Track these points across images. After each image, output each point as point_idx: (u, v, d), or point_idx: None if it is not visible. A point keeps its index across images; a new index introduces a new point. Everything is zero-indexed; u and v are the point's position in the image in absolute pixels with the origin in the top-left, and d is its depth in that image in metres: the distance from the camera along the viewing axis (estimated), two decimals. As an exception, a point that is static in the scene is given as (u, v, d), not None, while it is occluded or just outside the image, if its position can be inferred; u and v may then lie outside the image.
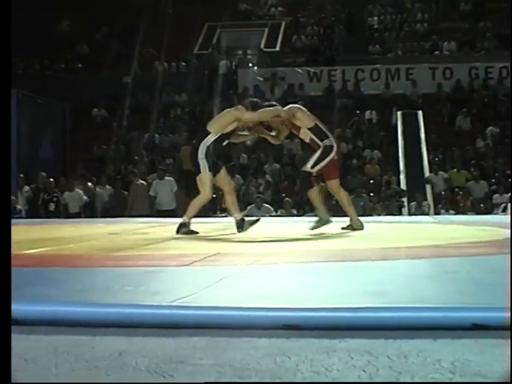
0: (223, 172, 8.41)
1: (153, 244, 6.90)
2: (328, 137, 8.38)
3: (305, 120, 8.40)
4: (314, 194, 8.40)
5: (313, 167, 8.26)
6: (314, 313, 2.74)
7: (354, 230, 8.29)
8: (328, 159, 8.24)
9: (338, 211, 9.37)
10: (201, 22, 26.89)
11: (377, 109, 23.28)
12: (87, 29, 27.03)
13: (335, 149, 8.35)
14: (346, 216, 8.61)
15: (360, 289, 3.57)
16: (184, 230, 8.00)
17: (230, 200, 8.43)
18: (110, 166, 20.30)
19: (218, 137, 8.21)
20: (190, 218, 8.15)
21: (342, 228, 8.37)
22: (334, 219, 8.48)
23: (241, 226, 8.12)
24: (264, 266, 4.90)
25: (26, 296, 2.95)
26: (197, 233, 8.03)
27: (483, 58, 25.08)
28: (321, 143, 8.29)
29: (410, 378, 2.02)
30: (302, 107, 8.74)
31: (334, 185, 8.54)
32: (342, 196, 8.63)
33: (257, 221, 8.38)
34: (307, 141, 8.47)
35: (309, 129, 8.34)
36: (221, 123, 8.30)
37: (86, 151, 22.29)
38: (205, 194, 8.22)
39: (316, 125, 8.39)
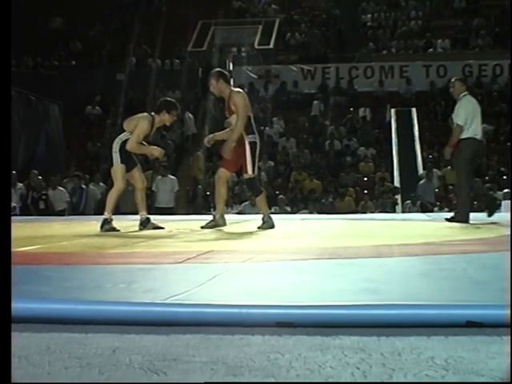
0: (137, 169, 8.59)
1: (146, 241, 6.89)
2: (254, 133, 8.36)
3: (241, 109, 8.29)
4: (263, 200, 8.58)
5: (253, 171, 8.32)
6: (308, 310, 2.74)
7: (215, 226, 8.33)
8: (257, 157, 8.34)
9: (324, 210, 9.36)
10: (195, 19, 26.86)
11: (371, 106, 23.30)
12: (80, 26, 27.00)
13: (259, 146, 8.38)
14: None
15: (353, 286, 3.57)
16: (107, 227, 8.28)
17: (140, 197, 8.65)
18: (104, 163, 20.27)
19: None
20: (110, 213, 8.41)
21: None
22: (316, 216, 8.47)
23: (144, 224, 8.44)
24: (257, 263, 4.89)
25: (19, 294, 2.93)
26: (118, 230, 8.28)
27: (477, 56, 25.13)
28: (246, 137, 8.29)
29: (404, 376, 2.01)
30: (245, 95, 8.60)
31: (222, 174, 8.54)
32: (221, 189, 8.58)
33: (160, 228, 8.49)
34: (231, 127, 8.47)
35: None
36: (134, 125, 8.43)
37: (80, 148, 22.29)
38: (118, 185, 8.47)
39: (249, 117, 8.36)
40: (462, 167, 9.81)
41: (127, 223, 9.46)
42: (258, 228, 8.28)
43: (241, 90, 8.75)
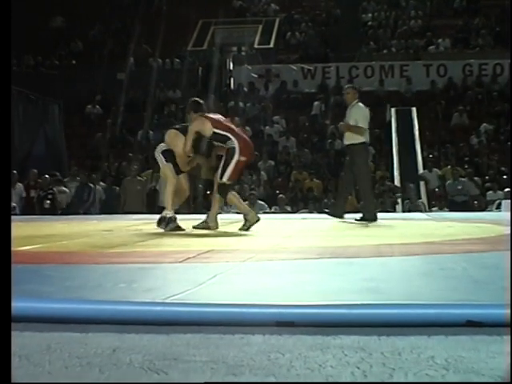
0: (171, 166, 8.47)
1: (146, 241, 6.89)
2: (229, 139, 8.13)
3: (202, 130, 8.28)
4: (233, 197, 8.34)
5: (223, 177, 8.08)
6: (308, 309, 2.74)
7: (250, 226, 8.12)
8: (232, 166, 8.05)
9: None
10: (195, 18, 26.86)
11: (371, 106, 23.28)
12: (81, 25, 27.00)
13: (237, 150, 8.07)
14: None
15: (354, 285, 3.57)
16: (171, 225, 8.09)
17: (169, 191, 8.47)
18: (104, 162, 20.28)
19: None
20: (172, 210, 8.24)
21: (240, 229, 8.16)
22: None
23: (167, 223, 8.13)
24: (258, 262, 4.89)
25: (19, 293, 2.93)
26: (183, 229, 8.13)
27: (477, 55, 25.13)
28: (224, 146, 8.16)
29: (404, 375, 2.02)
30: (200, 117, 8.46)
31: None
32: (231, 197, 8.43)
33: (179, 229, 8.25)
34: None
35: (211, 135, 8.23)
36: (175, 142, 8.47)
37: (80, 148, 22.28)
38: (170, 180, 8.38)
39: (214, 133, 8.19)
40: (364, 170, 10.42)
41: (128, 222, 9.46)
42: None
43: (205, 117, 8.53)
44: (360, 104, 10.56)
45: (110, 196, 17.03)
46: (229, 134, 8.16)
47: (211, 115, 8.52)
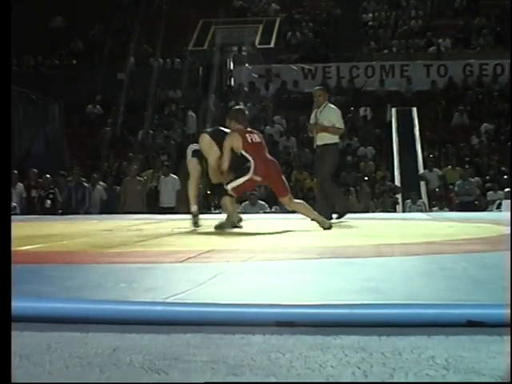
0: (196, 161, 8.77)
1: (146, 241, 6.89)
2: (249, 161, 8.27)
3: (235, 148, 8.37)
4: (227, 201, 8.43)
5: (228, 184, 8.30)
6: (308, 309, 2.74)
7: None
8: (243, 179, 8.25)
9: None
10: (195, 18, 26.87)
11: (371, 106, 23.29)
12: (81, 25, 27.01)
13: (252, 170, 8.23)
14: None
15: (354, 285, 3.57)
16: (193, 220, 8.54)
17: (192, 187, 8.87)
18: (105, 162, 20.29)
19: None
20: (196, 205, 8.68)
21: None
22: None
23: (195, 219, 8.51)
24: (258, 262, 4.89)
25: (19, 293, 2.93)
26: (199, 226, 8.49)
27: (478, 55, 25.14)
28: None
29: (404, 375, 2.01)
30: (238, 134, 8.47)
31: (285, 201, 8.67)
32: (297, 207, 8.68)
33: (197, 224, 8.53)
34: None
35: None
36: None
37: (81, 148, 22.29)
38: (192, 175, 8.78)
39: (240, 154, 8.31)
40: (330, 170, 10.59)
41: (129, 222, 9.47)
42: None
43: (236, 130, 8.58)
44: (331, 105, 10.80)
45: (111, 196, 17.03)
46: (250, 158, 8.31)
47: (248, 135, 8.50)
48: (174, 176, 16.61)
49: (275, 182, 8.64)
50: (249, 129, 8.68)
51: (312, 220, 8.48)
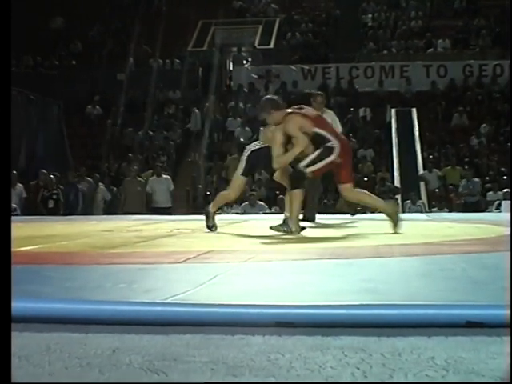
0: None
1: (146, 241, 6.89)
2: (330, 140, 7.49)
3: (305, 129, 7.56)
4: (296, 195, 7.57)
5: (307, 167, 7.45)
6: (308, 310, 2.74)
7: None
8: (325, 161, 7.45)
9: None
10: (195, 19, 26.87)
11: (371, 106, 23.29)
12: (81, 26, 27.01)
13: (336, 150, 7.45)
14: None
15: (353, 286, 3.57)
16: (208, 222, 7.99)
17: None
18: (104, 163, 20.29)
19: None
20: (214, 208, 8.09)
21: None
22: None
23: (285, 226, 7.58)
24: (258, 263, 4.89)
25: (19, 293, 2.93)
26: (214, 230, 7.95)
27: (477, 56, 25.15)
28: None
29: (404, 376, 2.02)
30: (295, 115, 7.66)
31: (346, 189, 7.75)
32: (360, 197, 8.01)
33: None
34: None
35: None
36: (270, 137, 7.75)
37: (81, 148, 22.30)
38: (231, 193, 8.16)
39: (314, 133, 7.49)
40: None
41: (129, 223, 9.47)
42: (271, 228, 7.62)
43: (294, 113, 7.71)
44: (327, 109, 10.52)
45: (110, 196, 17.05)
46: (330, 136, 7.54)
47: (306, 111, 7.71)
48: (166, 176, 16.59)
49: (347, 166, 7.72)
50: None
51: (379, 211, 7.70)
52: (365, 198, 8.09)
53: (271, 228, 7.56)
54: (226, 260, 5.00)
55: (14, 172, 16.53)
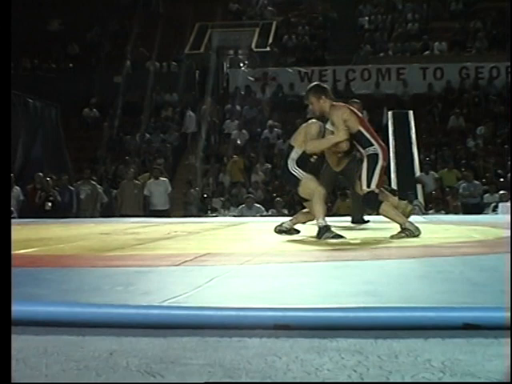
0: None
1: (143, 244, 6.89)
2: (372, 144, 7.23)
3: (350, 123, 7.27)
4: (388, 207, 7.27)
5: (369, 186, 7.16)
6: (305, 312, 2.74)
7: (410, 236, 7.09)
8: (378, 169, 7.18)
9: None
10: (192, 21, 26.88)
11: (368, 109, 23.29)
12: (78, 29, 27.00)
13: (381, 155, 7.22)
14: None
15: (351, 288, 3.57)
16: (328, 234, 7.07)
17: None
18: (101, 165, 20.28)
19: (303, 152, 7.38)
20: (324, 218, 7.21)
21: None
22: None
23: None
24: (254, 265, 4.89)
25: (16, 296, 2.93)
26: (343, 237, 7.16)
27: (474, 58, 25.17)
28: (362, 151, 7.28)
29: (401, 378, 2.02)
30: (344, 106, 7.47)
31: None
32: (385, 208, 7.35)
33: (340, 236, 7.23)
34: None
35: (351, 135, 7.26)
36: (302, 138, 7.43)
37: (78, 151, 22.27)
38: (317, 190, 7.27)
39: (359, 132, 7.23)
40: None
41: (125, 225, 9.46)
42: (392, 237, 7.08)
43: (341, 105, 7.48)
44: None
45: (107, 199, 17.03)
46: (372, 140, 7.27)
47: (354, 109, 7.48)
48: (164, 178, 16.58)
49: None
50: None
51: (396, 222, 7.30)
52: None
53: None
54: (223, 262, 5.00)
55: (11, 175, 16.51)
